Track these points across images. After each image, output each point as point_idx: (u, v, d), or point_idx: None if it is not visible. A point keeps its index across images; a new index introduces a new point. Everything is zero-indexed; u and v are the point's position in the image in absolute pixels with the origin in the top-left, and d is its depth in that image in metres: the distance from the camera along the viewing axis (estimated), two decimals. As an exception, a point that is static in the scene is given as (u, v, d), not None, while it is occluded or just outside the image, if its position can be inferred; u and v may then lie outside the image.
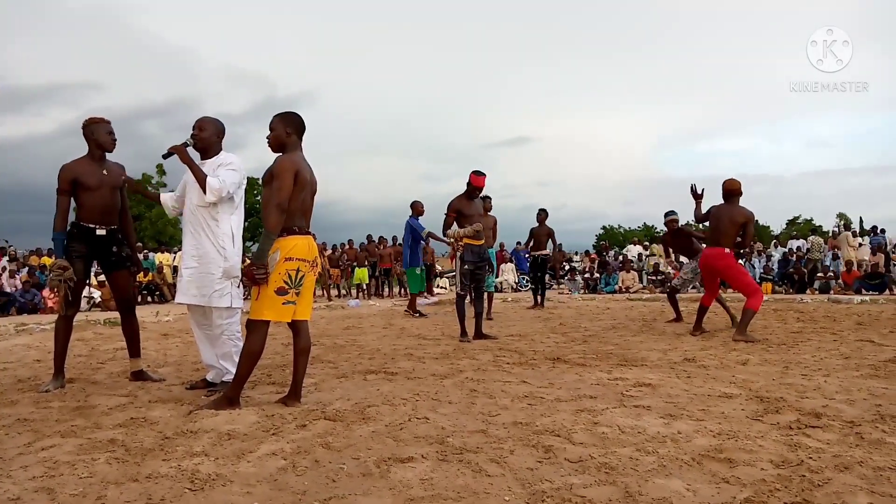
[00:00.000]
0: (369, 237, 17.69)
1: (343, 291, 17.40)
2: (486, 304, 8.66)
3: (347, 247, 17.74)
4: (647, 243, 21.38)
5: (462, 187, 6.46)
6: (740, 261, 14.81)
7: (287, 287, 3.33)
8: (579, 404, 3.41)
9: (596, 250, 23.08)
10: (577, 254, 22.73)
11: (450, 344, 6.14)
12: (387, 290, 17.03)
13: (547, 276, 10.81)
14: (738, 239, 6.21)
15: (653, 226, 54.23)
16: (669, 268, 15.06)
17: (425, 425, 3.02)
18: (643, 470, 2.33)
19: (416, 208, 9.81)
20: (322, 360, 5.14)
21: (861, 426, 2.87)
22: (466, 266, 6.35)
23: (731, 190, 6.27)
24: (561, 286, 19.15)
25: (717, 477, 2.25)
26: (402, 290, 16.38)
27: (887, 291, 13.16)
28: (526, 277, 17.38)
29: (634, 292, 15.88)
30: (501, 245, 18.24)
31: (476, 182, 6.40)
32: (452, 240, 6.29)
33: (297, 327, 3.53)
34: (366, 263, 16.73)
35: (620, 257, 19.61)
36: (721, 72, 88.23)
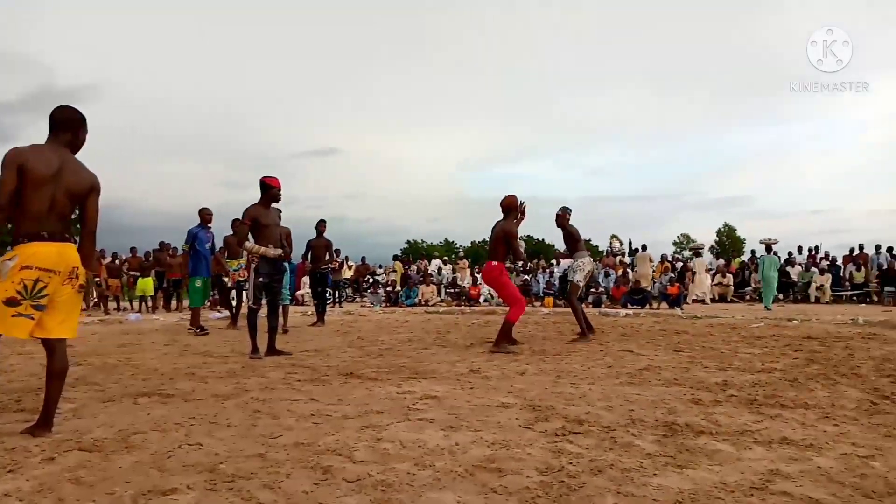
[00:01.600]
0: (161, 244, 16.38)
1: (124, 304, 15.90)
2: (281, 318, 8.37)
3: (130, 255, 16.25)
4: (445, 259, 22.20)
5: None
6: (526, 276, 15.80)
7: (20, 298, 2.93)
8: (366, 420, 3.39)
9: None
10: (380, 267, 22.96)
11: (238, 361, 5.83)
12: (175, 302, 15.84)
13: (330, 290, 10.62)
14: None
15: (454, 242, 56.74)
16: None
17: (197, 452, 2.81)
18: (418, 485, 2.36)
19: (203, 216, 9.26)
20: (87, 382, 4.61)
21: (615, 431, 3.18)
22: (261, 279, 6.10)
23: (503, 205, 6.84)
24: (364, 299, 19.23)
25: (486, 487, 2.34)
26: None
27: (648, 306, 14.94)
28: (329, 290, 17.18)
29: (433, 305, 16.39)
30: (303, 257, 17.81)
31: (272, 182, 6.16)
32: (248, 254, 6.02)
33: (50, 346, 3.12)
34: (151, 274, 15.46)
35: (421, 271, 20.17)
36: (517, 99, 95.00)
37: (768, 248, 16.51)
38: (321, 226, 10.39)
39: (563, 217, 7.80)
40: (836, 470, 2.55)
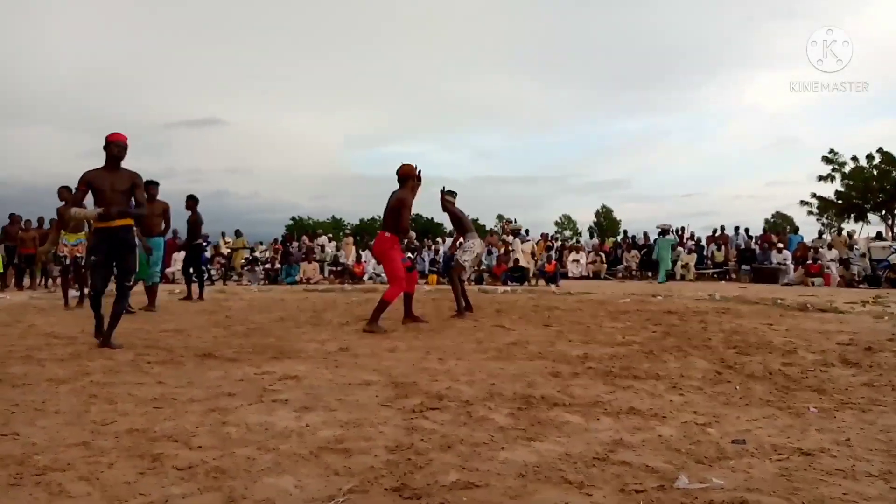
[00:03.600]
0: (12, 216, 14.94)
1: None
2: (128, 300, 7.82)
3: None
4: (329, 236, 21.76)
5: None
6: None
7: None
8: (214, 403, 3.18)
9: (281, 241, 22.77)
10: (261, 244, 22.15)
11: (86, 343, 5.35)
12: (27, 280, 14.51)
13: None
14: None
15: (341, 219, 55.94)
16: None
17: (10, 443, 2.51)
18: (256, 470, 2.21)
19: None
20: None
21: (473, 405, 3.15)
22: (93, 257, 5.37)
23: (399, 174, 6.62)
24: (242, 277, 18.50)
25: (329, 469, 2.23)
26: (46, 279, 14.18)
27: (526, 283, 15.35)
28: (206, 267, 16.36)
29: (314, 283, 16.02)
30: (174, 232, 16.85)
31: (115, 138, 5.20)
32: (74, 222, 5.35)
33: None
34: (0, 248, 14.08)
35: (304, 248, 19.65)
36: (405, 79, 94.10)
37: (664, 232, 17.46)
38: (191, 202, 9.98)
39: (446, 200, 7.73)
40: (676, 438, 2.65)
